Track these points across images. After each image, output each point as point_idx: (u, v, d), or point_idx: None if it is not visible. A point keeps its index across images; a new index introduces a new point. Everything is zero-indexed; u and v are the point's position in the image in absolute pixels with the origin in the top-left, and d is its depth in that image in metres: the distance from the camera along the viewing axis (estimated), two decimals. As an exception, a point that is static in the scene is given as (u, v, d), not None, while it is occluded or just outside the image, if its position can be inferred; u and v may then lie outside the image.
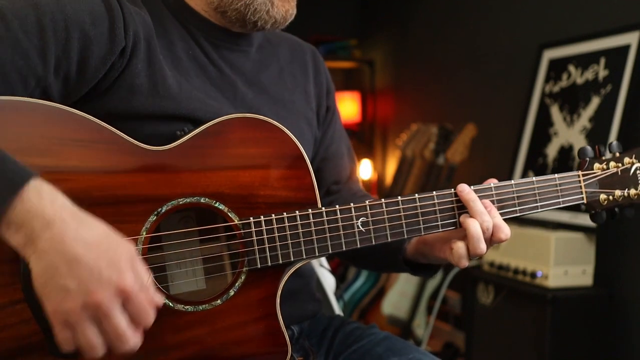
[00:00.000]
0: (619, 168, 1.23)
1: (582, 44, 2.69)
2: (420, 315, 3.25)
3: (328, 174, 1.39)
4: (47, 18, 1.00)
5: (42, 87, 1.01)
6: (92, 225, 0.88)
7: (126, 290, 0.85)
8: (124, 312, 0.86)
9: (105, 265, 0.85)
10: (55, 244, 0.84)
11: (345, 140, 1.45)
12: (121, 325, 0.85)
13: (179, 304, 1.03)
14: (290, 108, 1.28)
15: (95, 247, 0.85)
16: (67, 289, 0.83)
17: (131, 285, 0.85)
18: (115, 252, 0.86)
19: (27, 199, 0.85)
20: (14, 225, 0.85)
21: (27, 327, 0.93)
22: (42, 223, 0.84)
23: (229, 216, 1.05)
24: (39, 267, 0.84)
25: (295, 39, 1.40)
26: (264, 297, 1.07)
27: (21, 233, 0.85)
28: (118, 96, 1.07)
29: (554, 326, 2.32)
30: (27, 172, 0.87)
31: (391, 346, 1.23)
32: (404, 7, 4.18)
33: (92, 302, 0.83)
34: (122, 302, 0.86)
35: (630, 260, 2.47)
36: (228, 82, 1.20)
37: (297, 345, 1.27)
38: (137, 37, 1.07)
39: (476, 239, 1.10)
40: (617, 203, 1.23)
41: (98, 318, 0.85)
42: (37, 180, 0.87)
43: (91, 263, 0.84)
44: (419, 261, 1.25)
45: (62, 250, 0.84)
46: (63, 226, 0.85)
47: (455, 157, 3.28)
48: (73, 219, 0.86)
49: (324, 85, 1.39)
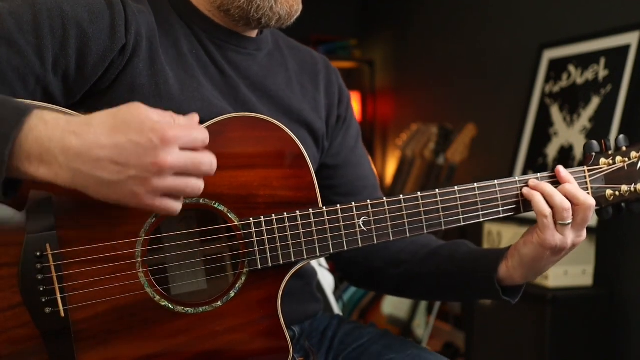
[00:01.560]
0: (625, 163, 1.20)
1: (582, 44, 2.69)
2: (420, 315, 3.25)
3: (339, 182, 1.34)
4: (44, 16, 1.00)
5: (43, 86, 1.01)
6: (97, 117, 0.88)
7: (171, 139, 0.85)
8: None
9: (139, 132, 0.85)
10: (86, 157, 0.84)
11: (361, 151, 1.40)
12: (190, 159, 0.87)
13: (179, 306, 1.02)
14: (294, 116, 1.26)
15: (115, 130, 0.85)
16: (134, 176, 0.85)
17: (170, 128, 0.86)
18: (134, 118, 0.86)
19: (35, 126, 0.85)
20: (33, 157, 0.85)
21: (25, 331, 0.92)
22: (59, 147, 0.85)
23: (229, 217, 1.04)
24: (89, 184, 0.86)
25: (308, 50, 1.38)
26: (265, 297, 1.07)
27: (44, 165, 0.85)
28: (119, 95, 1.06)
29: (554, 326, 2.32)
30: (28, 104, 0.88)
31: (389, 343, 1.23)
32: (404, 7, 4.18)
33: (162, 166, 0.85)
34: (176, 146, 0.87)
35: (630, 260, 2.47)
36: (230, 84, 1.19)
37: (297, 345, 1.27)
38: (139, 35, 1.07)
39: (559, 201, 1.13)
40: (623, 198, 1.20)
41: (175, 172, 0.86)
42: (38, 109, 0.87)
43: (128, 143, 0.84)
44: (513, 282, 1.20)
45: (97, 156, 0.84)
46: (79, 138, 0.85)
47: (455, 157, 3.28)
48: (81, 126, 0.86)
49: (336, 95, 1.35)
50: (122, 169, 0.85)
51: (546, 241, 1.12)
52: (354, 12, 4.71)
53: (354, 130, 1.39)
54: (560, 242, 1.13)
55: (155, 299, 1.01)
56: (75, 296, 0.95)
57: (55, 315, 0.93)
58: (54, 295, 0.93)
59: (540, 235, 1.13)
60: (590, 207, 1.13)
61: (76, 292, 0.95)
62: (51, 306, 0.93)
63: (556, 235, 1.12)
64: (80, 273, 0.96)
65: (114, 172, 0.85)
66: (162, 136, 0.85)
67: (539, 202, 1.13)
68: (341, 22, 4.69)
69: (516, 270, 1.18)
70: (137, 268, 1.00)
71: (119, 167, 0.85)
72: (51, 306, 0.93)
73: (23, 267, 0.92)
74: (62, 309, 0.94)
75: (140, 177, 0.85)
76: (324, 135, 1.31)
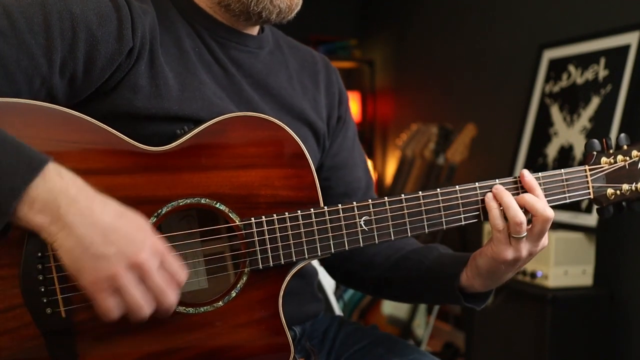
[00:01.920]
0: (626, 161, 1.20)
1: (582, 44, 2.69)
2: (420, 315, 3.25)
3: (336, 183, 1.35)
4: (54, 18, 0.99)
5: (47, 87, 1.01)
6: (109, 201, 0.92)
7: (160, 251, 0.91)
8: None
9: (136, 230, 0.90)
10: (85, 217, 0.87)
11: (359, 153, 1.40)
12: (162, 281, 0.91)
13: (180, 306, 1.02)
14: (296, 114, 1.26)
15: (122, 216, 0.91)
16: (107, 255, 0.87)
17: (162, 247, 0.92)
18: (138, 221, 0.92)
19: (50, 178, 0.88)
20: (36, 204, 0.86)
21: (27, 331, 0.92)
22: (67, 199, 0.87)
23: (230, 217, 1.04)
24: (69, 243, 0.87)
25: (308, 49, 1.38)
26: (266, 297, 1.07)
27: (46, 212, 0.87)
28: (121, 96, 1.06)
29: (554, 326, 2.32)
30: (45, 155, 0.89)
31: (392, 347, 1.23)
32: (404, 7, 4.18)
33: (136, 262, 0.88)
34: (158, 262, 0.91)
35: (630, 260, 2.47)
36: (233, 82, 1.19)
37: (298, 346, 1.27)
38: (145, 38, 1.07)
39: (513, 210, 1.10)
40: (624, 197, 1.20)
41: (141, 278, 0.89)
42: (54, 163, 0.89)
43: (125, 229, 0.89)
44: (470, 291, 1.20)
45: (94, 221, 0.88)
46: (88, 201, 0.89)
47: (455, 157, 3.28)
48: (95, 195, 0.90)
49: (336, 95, 1.36)
50: (104, 244, 0.88)
51: (499, 255, 1.11)
52: (353, 12, 4.71)
53: (352, 131, 1.40)
54: (514, 256, 1.11)
55: (156, 299, 1.01)
56: (76, 296, 0.95)
57: (57, 315, 0.93)
58: (55, 295, 0.93)
59: (494, 248, 1.11)
60: (547, 220, 1.11)
61: (77, 293, 0.95)
62: (52, 307, 0.93)
63: (509, 249, 1.10)
64: (81, 273, 0.96)
65: (96, 243, 0.87)
66: (154, 243, 0.91)
67: (493, 217, 1.11)
68: (341, 22, 4.69)
69: (475, 279, 1.17)
70: (139, 268, 0.99)
71: (103, 241, 0.88)
72: (52, 307, 0.93)
73: (24, 268, 0.92)
74: (64, 309, 0.94)
75: (112, 260, 0.88)
76: (325, 134, 1.32)
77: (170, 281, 0.92)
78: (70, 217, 0.87)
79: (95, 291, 0.88)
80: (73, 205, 0.87)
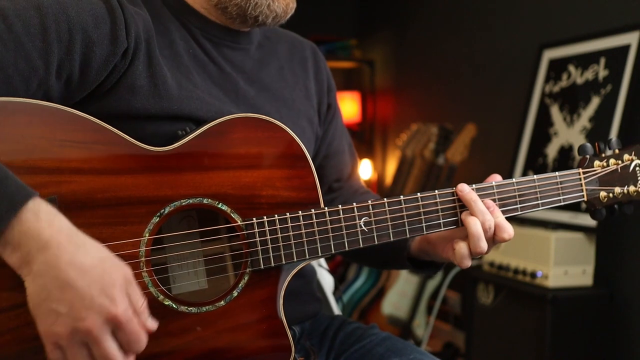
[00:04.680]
0: (618, 165, 1.24)
1: (582, 44, 2.69)
2: (420, 315, 3.26)
3: (329, 171, 1.39)
4: (50, 20, 1.00)
5: (44, 89, 1.01)
6: (88, 249, 0.88)
7: (117, 318, 0.86)
8: (114, 339, 0.87)
9: (98, 292, 0.85)
10: (49, 267, 0.85)
11: (346, 137, 1.45)
12: (111, 351, 0.86)
13: (183, 306, 1.03)
14: (291, 106, 1.28)
15: (89, 272, 0.86)
16: (58, 312, 0.84)
17: (123, 313, 0.86)
18: (110, 277, 0.87)
19: (25, 219, 0.86)
20: (10, 246, 0.86)
21: (29, 330, 0.92)
22: (37, 245, 0.85)
23: (232, 217, 1.05)
24: (32, 289, 0.86)
25: (295, 36, 1.40)
26: (267, 297, 1.07)
27: (17, 254, 0.86)
28: (119, 97, 1.06)
29: (554, 326, 2.32)
30: (26, 192, 0.87)
31: (392, 346, 1.23)
32: (403, 7, 4.18)
33: (82, 328, 0.85)
34: (112, 329, 0.86)
35: (630, 260, 2.47)
36: (229, 80, 1.20)
37: (298, 345, 1.27)
38: (139, 38, 1.07)
39: (477, 237, 1.10)
40: (616, 200, 1.24)
41: (88, 343, 0.86)
42: (35, 201, 0.87)
43: (83, 289, 0.85)
44: (423, 259, 1.25)
45: (55, 274, 0.85)
46: (58, 250, 0.86)
47: (455, 157, 3.28)
48: (69, 243, 0.87)
49: (325, 82, 1.39)
50: (59, 301, 0.85)
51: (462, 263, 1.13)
52: (353, 12, 4.71)
53: (340, 117, 1.44)
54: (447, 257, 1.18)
55: (159, 298, 1.01)
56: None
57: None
58: (57, 295, 0.93)
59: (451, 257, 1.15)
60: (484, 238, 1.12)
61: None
62: (54, 306, 0.93)
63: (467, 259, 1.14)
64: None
65: (52, 298, 0.85)
66: (112, 309, 0.85)
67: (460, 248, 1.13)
68: (341, 22, 4.69)
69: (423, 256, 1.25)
70: (141, 268, 1.00)
71: (60, 297, 0.85)
72: (54, 306, 0.93)
73: None
74: (65, 309, 0.94)
75: (62, 319, 0.84)
76: (317, 122, 1.35)
77: (126, 349, 0.88)
78: (36, 266, 0.85)
79: (45, 341, 0.87)
80: (42, 253, 0.85)
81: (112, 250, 0.97)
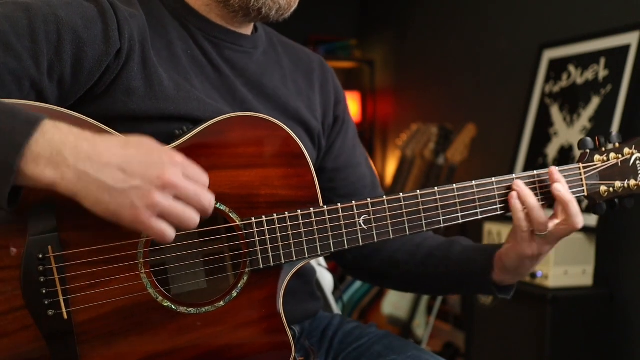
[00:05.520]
0: (619, 159, 1.23)
1: (582, 44, 2.69)
2: (420, 315, 3.25)
3: (340, 184, 1.35)
4: (39, 21, 0.99)
5: (37, 90, 1.01)
6: (109, 136, 0.92)
7: (178, 162, 0.91)
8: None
9: (147, 152, 0.90)
10: (95, 160, 0.87)
11: (360, 150, 1.41)
12: (193, 187, 0.91)
13: (182, 307, 1.02)
14: (290, 114, 1.26)
15: (130, 143, 0.90)
16: (137, 187, 0.87)
17: (177, 157, 0.91)
18: (144, 143, 0.91)
19: (47, 130, 0.87)
20: (42, 159, 0.86)
21: (28, 333, 0.92)
22: (70, 149, 0.87)
23: (230, 217, 1.05)
24: (92, 190, 0.87)
25: (303, 49, 1.38)
26: (267, 297, 1.07)
27: (53, 165, 0.86)
28: (114, 98, 1.06)
29: (554, 326, 2.32)
30: (39, 113, 0.89)
31: (390, 344, 1.24)
32: (403, 7, 4.18)
33: (164, 183, 0.88)
34: (181, 172, 0.91)
35: (630, 260, 2.47)
36: (227, 83, 1.19)
37: (297, 345, 1.27)
38: (133, 39, 1.07)
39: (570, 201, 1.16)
40: (617, 194, 1.23)
41: (175, 193, 0.89)
42: (50, 118, 0.89)
43: (137, 157, 0.89)
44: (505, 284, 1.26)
45: (105, 161, 0.87)
46: (90, 144, 0.88)
47: (455, 157, 3.28)
48: (94, 137, 0.90)
49: (332, 94, 1.36)
50: (127, 178, 0.87)
51: (524, 252, 1.17)
52: (353, 12, 4.71)
53: (352, 130, 1.41)
54: (538, 251, 1.18)
55: (157, 299, 1.01)
56: (78, 298, 0.95)
57: (58, 317, 0.93)
58: (56, 297, 0.93)
59: (518, 247, 1.18)
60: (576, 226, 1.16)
61: (79, 294, 0.95)
62: (54, 308, 0.93)
63: (533, 246, 1.17)
64: (82, 275, 0.96)
65: (118, 180, 0.87)
66: (170, 157, 0.90)
67: (519, 219, 1.16)
68: (341, 22, 4.69)
69: (504, 276, 1.24)
70: (139, 269, 1.00)
71: (125, 176, 0.87)
72: (54, 308, 0.93)
73: (25, 270, 0.92)
74: (65, 311, 0.94)
75: (143, 188, 0.87)
76: (320, 133, 1.32)
77: (198, 183, 0.92)
78: (81, 165, 0.86)
79: (141, 223, 0.88)
80: (79, 153, 0.87)
81: (110, 251, 0.98)
